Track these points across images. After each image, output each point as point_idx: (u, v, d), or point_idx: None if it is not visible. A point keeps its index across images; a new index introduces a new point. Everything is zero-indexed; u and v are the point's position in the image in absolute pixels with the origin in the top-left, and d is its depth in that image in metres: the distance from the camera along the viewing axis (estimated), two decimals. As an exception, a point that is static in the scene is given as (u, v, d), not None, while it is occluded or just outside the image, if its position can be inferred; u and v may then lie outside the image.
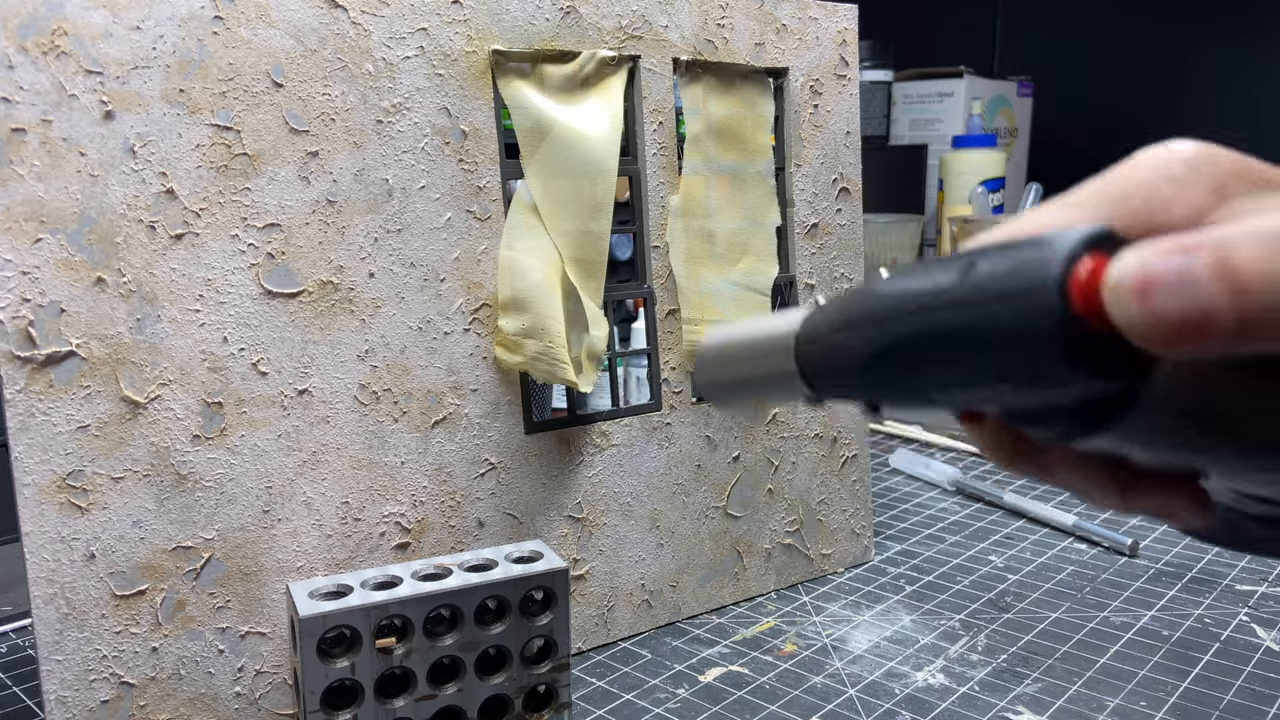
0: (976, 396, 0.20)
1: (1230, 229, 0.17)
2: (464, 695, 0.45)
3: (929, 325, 0.20)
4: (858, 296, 0.22)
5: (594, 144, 0.53)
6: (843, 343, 0.22)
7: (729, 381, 0.27)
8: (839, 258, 0.65)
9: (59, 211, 0.40)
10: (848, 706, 0.49)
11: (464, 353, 0.51)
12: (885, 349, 0.21)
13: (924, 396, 0.21)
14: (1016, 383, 0.19)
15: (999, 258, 0.19)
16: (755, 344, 0.26)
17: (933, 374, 0.20)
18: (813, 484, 0.65)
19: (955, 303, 0.19)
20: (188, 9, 0.43)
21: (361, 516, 0.48)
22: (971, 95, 1.60)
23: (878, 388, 0.22)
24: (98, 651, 0.42)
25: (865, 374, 0.22)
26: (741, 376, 0.27)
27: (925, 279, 0.20)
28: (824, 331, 0.23)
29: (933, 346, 0.20)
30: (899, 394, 0.22)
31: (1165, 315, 0.16)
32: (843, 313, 0.22)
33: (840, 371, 0.23)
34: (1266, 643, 0.55)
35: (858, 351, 0.22)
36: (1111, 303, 0.17)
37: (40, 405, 0.40)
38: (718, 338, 0.28)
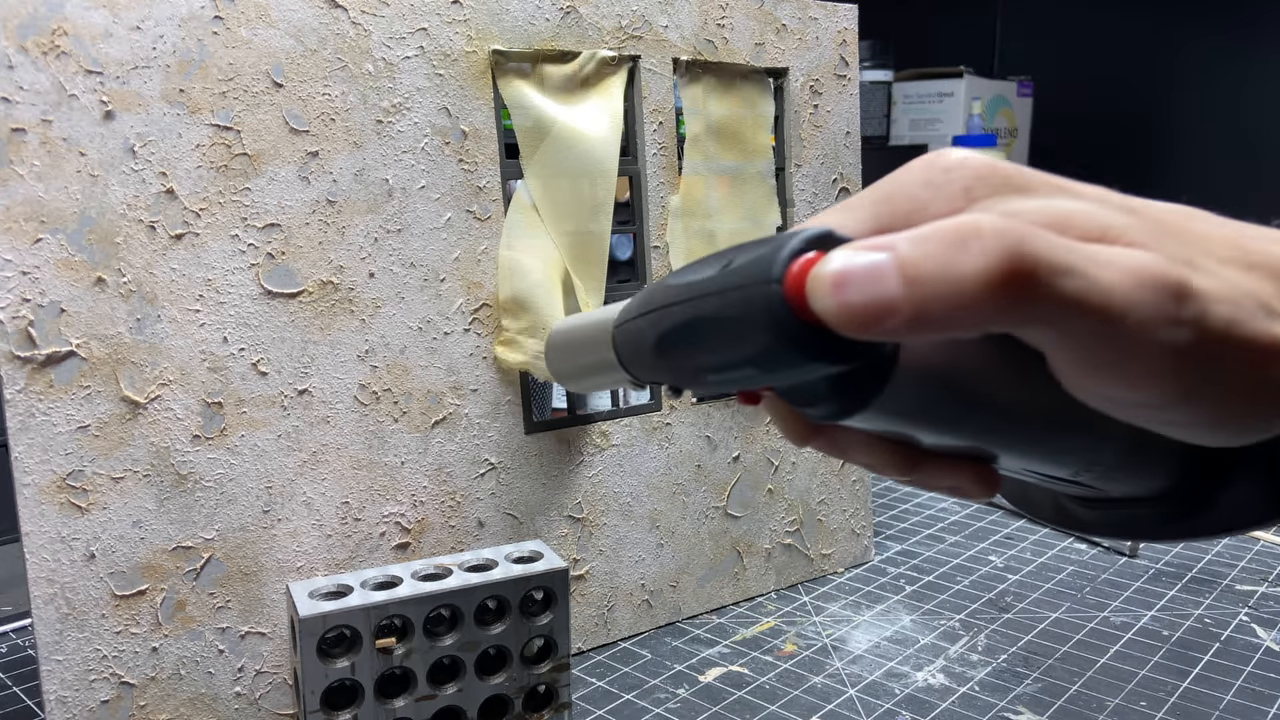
0: (735, 378, 0.22)
1: (922, 228, 0.18)
2: (464, 695, 0.45)
3: (690, 312, 0.22)
4: (654, 286, 0.24)
5: (594, 144, 0.53)
6: (639, 329, 0.24)
7: (570, 368, 0.29)
8: (839, 258, 0.65)
9: (59, 211, 0.40)
10: (848, 706, 0.49)
11: (464, 353, 0.51)
12: (663, 334, 0.23)
13: (698, 378, 0.23)
14: (757, 366, 0.21)
15: (748, 253, 0.21)
16: (585, 330, 0.28)
17: (697, 357, 0.22)
18: (813, 484, 0.65)
19: (708, 292, 0.21)
20: (188, 9, 0.43)
21: (361, 516, 0.48)
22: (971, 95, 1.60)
23: (667, 370, 0.24)
24: (98, 651, 0.42)
25: (655, 358, 0.24)
26: (580, 363, 0.29)
27: (701, 270, 0.22)
28: (628, 318, 0.25)
29: (692, 332, 0.22)
30: (681, 375, 0.24)
31: (852, 305, 0.18)
32: (641, 300, 0.24)
33: (639, 355, 0.25)
34: (1266, 643, 0.55)
35: (648, 336, 0.24)
36: (811, 294, 0.19)
37: (40, 405, 0.40)
38: (560, 326, 0.30)
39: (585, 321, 0.28)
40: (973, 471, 0.26)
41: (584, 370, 0.29)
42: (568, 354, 0.29)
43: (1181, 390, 0.19)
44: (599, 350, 0.27)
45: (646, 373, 0.25)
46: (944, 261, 0.18)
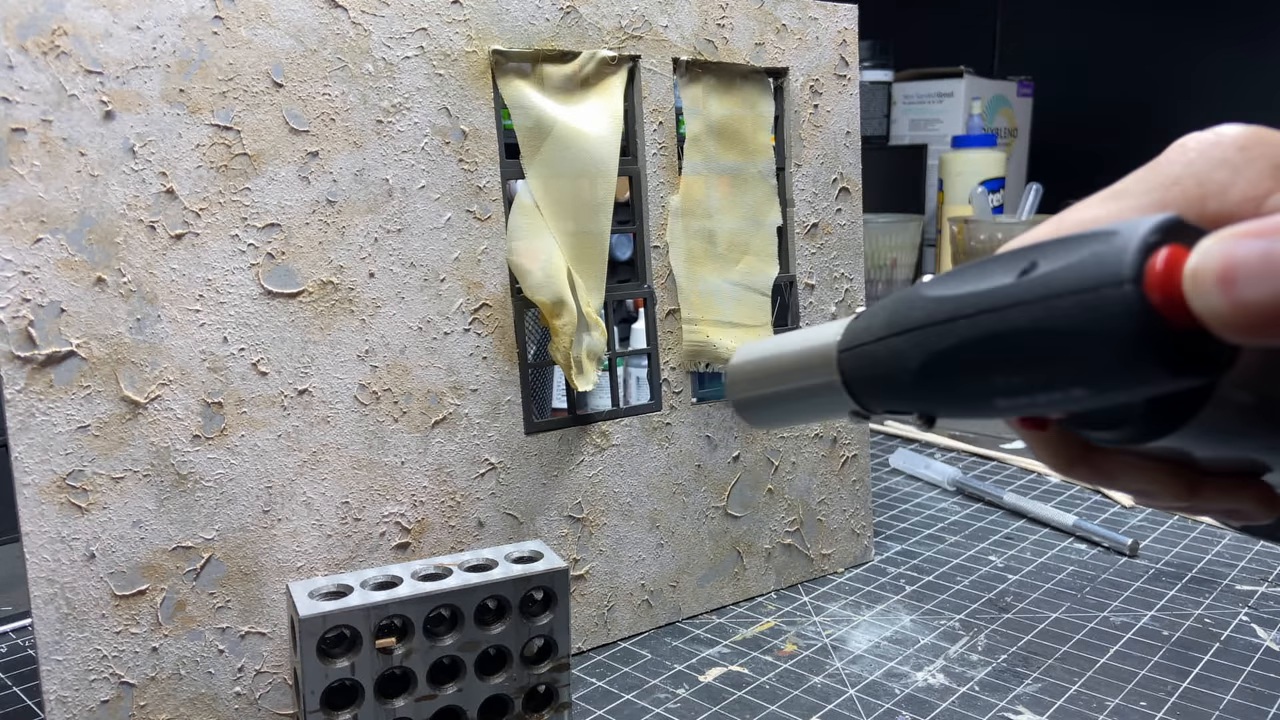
0: (1043, 401, 0.19)
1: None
2: (464, 695, 0.45)
3: (990, 327, 0.19)
4: (905, 302, 0.21)
5: (594, 144, 0.53)
6: (893, 350, 0.21)
7: (765, 397, 0.26)
8: (839, 258, 0.65)
9: (59, 211, 0.40)
10: (848, 706, 0.49)
11: (464, 353, 0.51)
12: (942, 354, 0.20)
13: (985, 403, 0.20)
14: (1091, 385, 0.18)
15: (1061, 252, 0.18)
16: (792, 357, 0.25)
17: (997, 379, 0.19)
18: (813, 484, 0.65)
19: (1018, 301, 0.18)
20: (188, 9, 0.43)
21: (361, 516, 0.48)
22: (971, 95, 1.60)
23: (934, 396, 0.21)
24: (98, 651, 0.42)
25: (920, 381, 0.21)
26: (778, 391, 0.25)
27: (980, 280, 0.19)
28: (869, 339, 0.22)
29: (996, 349, 0.19)
30: (957, 401, 0.21)
31: (1252, 304, 0.15)
32: (890, 319, 0.21)
33: (891, 380, 0.22)
34: (1266, 643, 0.55)
35: (911, 358, 0.21)
36: (1193, 293, 0.16)
37: (40, 405, 0.40)
38: (750, 353, 0.27)
39: (788, 346, 0.25)
40: (1254, 492, 0.24)
41: (783, 399, 0.25)
42: (765, 382, 0.26)
43: None
44: (813, 376, 0.24)
45: (893, 400, 0.22)
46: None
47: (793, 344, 0.25)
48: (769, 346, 0.26)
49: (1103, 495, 0.79)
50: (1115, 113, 1.70)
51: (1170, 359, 0.17)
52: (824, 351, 0.24)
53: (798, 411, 0.25)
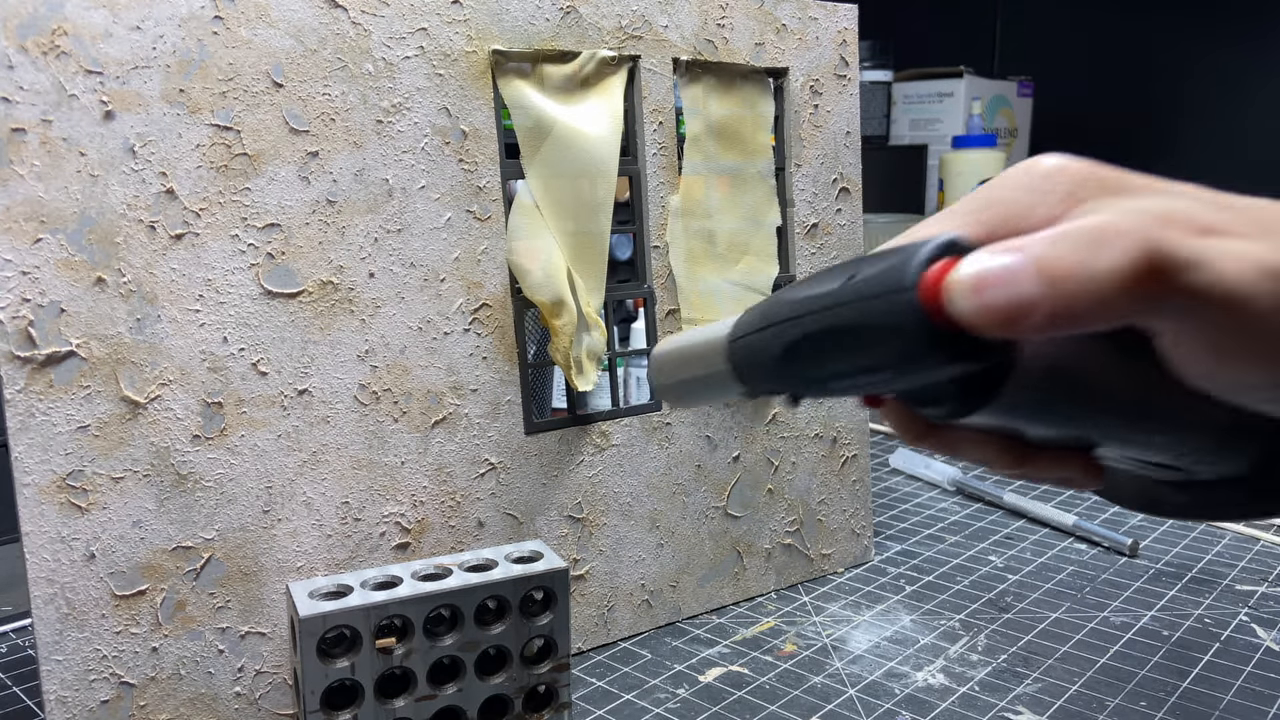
0: (865, 383, 0.24)
1: (1052, 230, 0.20)
2: (464, 695, 0.45)
3: (821, 324, 0.23)
4: (774, 301, 0.25)
5: (594, 144, 0.53)
6: (761, 341, 0.26)
7: (678, 383, 0.30)
8: (839, 258, 0.65)
9: (59, 211, 0.40)
10: (848, 706, 0.49)
11: (464, 353, 0.51)
12: (790, 345, 0.24)
13: (825, 385, 0.25)
14: (893, 370, 0.22)
15: (874, 264, 0.22)
16: (696, 348, 0.29)
17: (828, 365, 0.24)
18: (813, 484, 0.65)
19: (839, 303, 0.23)
20: (188, 9, 0.43)
21: (361, 516, 0.48)
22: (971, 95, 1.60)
23: (791, 378, 0.25)
24: (98, 651, 0.42)
25: (781, 367, 0.25)
26: (687, 378, 0.30)
27: (822, 284, 0.24)
28: (748, 331, 0.27)
29: (824, 342, 0.24)
30: (807, 384, 0.25)
31: (993, 306, 0.19)
32: (763, 315, 0.26)
33: (761, 366, 0.26)
34: (1266, 643, 0.55)
35: (773, 348, 0.25)
36: (949, 298, 0.20)
37: (40, 405, 0.40)
38: (667, 344, 0.31)
39: (694, 339, 0.30)
40: (1080, 461, 0.27)
41: (691, 384, 0.30)
42: (676, 369, 0.31)
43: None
44: (711, 364, 0.28)
45: (766, 383, 0.27)
46: (1082, 260, 0.19)
47: (697, 337, 0.29)
48: (680, 339, 0.31)
49: (1103, 495, 0.79)
50: (1115, 113, 1.70)
51: (942, 349, 0.21)
52: (718, 343, 0.28)
53: (703, 393, 0.30)
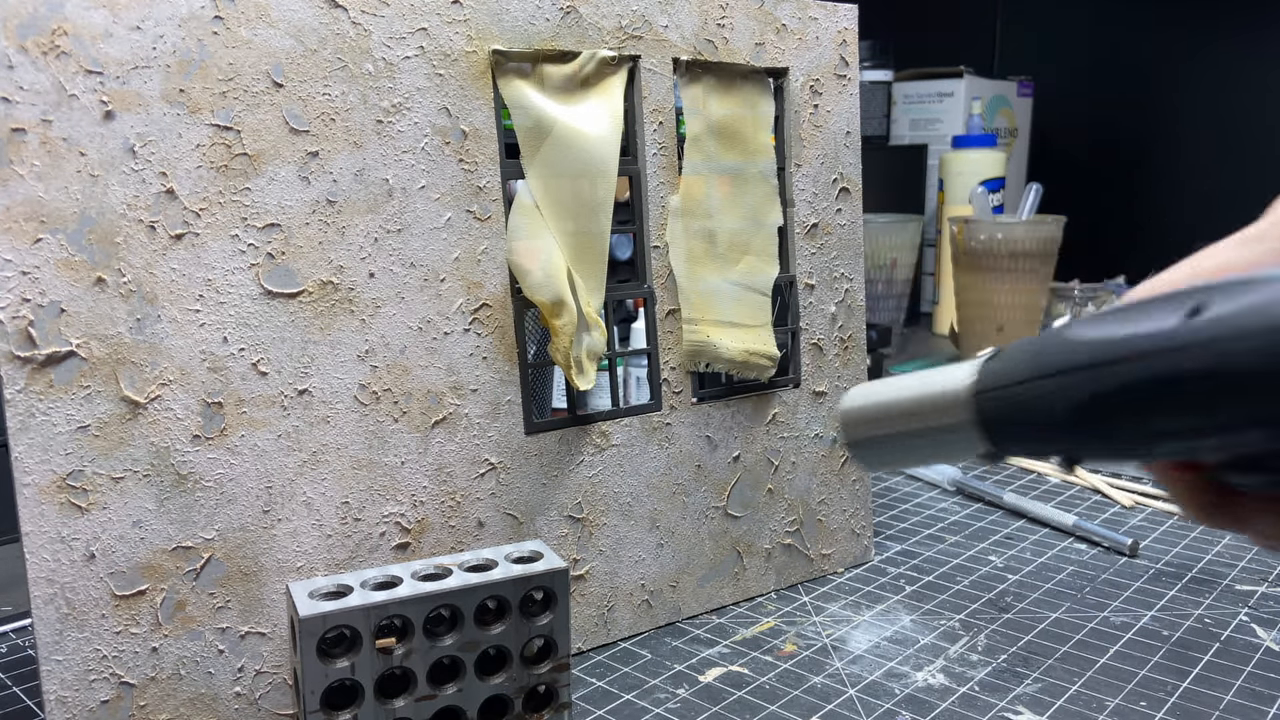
0: (1211, 444, 0.19)
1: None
2: (464, 695, 0.45)
3: (1159, 370, 0.19)
4: (1053, 344, 0.21)
5: (594, 144, 0.53)
6: (1043, 393, 0.21)
7: (886, 438, 0.26)
8: (839, 258, 0.65)
9: (59, 211, 0.40)
10: (848, 706, 0.49)
11: (464, 353, 0.51)
12: (1102, 396, 0.20)
13: (1145, 447, 0.20)
14: (1269, 426, 0.18)
15: (1228, 295, 0.18)
16: (918, 400, 0.25)
17: (1160, 422, 0.19)
18: (813, 484, 0.65)
19: (1188, 344, 0.18)
20: (188, 9, 0.43)
21: (361, 516, 0.48)
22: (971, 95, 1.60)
23: (1086, 439, 0.21)
24: (98, 651, 0.42)
25: (1074, 425, 0.21)
26: (901, 432, 0.26)
27: (1141, 322, 0.19)
28: (1012, 382, 0.22)
29: (1165, 392, 0.19)
30: (1112, 445, 0.21)
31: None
32: (1036, 361, 0.21)
33: (1039, 423, 0.22)
34: (1266, 643, 0.55)
35: (1063, 400, 0.21)
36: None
37: (40, 405, 0.40)
38: (869, 394, 0.27)
39: (911, 388, 0.25)
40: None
41: (909, 442, 0.26)
42: (882, 423, 0.26)
43: None
44: (940, 419, 0.24)
45: (1036, 442, 0.23)
46: None
47: (918, 386, 0.25)
48: (890, 388, 0.26)
49: (1103, 495, 0.79)
50: (1115, 113, 1.70)
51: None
52: (955, 394, 0.24)
53: (920, 452, 0.26)
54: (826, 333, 0.65)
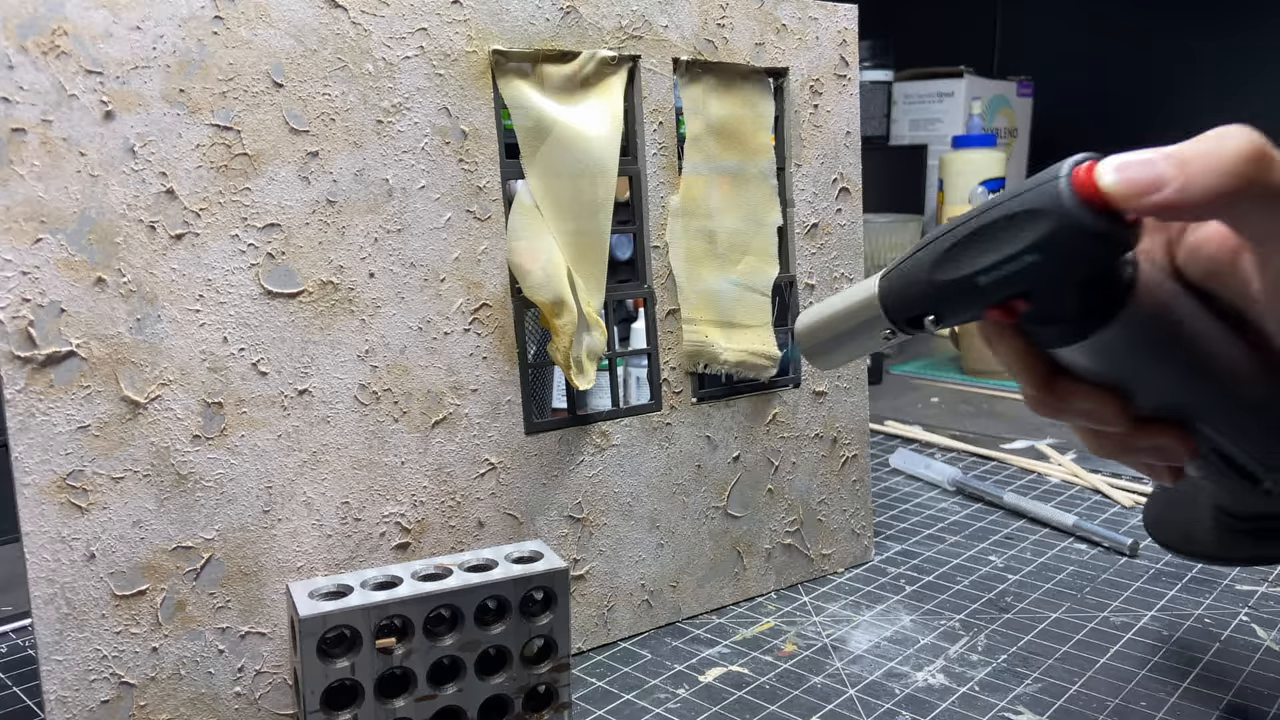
0: (1011, 272, 0.27)
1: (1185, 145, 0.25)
2: (464, 695, 0.45)
3: (975, 224, 0.27)
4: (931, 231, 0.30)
5: (594, 144, 0.53)
6: (913, 263, 0.29)
7: (829, 339, 0.34)
8: (839, 258, 0.65)
9: (59, 211, 0.40)
10: (848, 706, 0.49)
11: (464, 353, 0.51)
12: (943, 253, 0.28)
13: (972, 282, 0.28)
14: (1044, 252, 0.26)
15: (1024, 183, 0.27)
16: (843, 301, 0.33)
17: (980, 260, 0.27)
18: (813, 484, 0.65)
19: (992, 205, 0.27)
20: (188, 9, 0.43)
21: (361, 516, 0.48)
22: (971, 95, 1.60)
23: (940, 287, 0.29)
24: (98, 651, 0.42)
25: (930, 280, 0.29)
26: (839, 332, 0.33)
27: (972, 211, 0.28)
28: (898, 264, 0.30)
29: (978, 238, 0.27)
30: (955, 287, 0.28)
31: (1132, 179, 0.26)
32: (913, 247, 0.30)
33: (912, 287, 0.29)
34: (1266, 643, 0.55)
35: (924, 263, 0.29)
36: (1098, 176, 0.26)
37: (40, 405, 0.40)
38: (811, 312, 0.35)
39: (840, 297, 0.33)
40: (1178, 433, 0.31)
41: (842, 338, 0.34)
42: (824, 328, 0.34)
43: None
44: (860, 311, 0.32)
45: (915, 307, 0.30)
46: (1207, 148, 0.25)
47: (843, 295, 0.33)
48: (824, 303, 0.34)
49: (1103, 495, 0.79)
50: (1115, 113, 1.70)
51: (1085, 221, 0.26)
52: (867, 288, 0.32)
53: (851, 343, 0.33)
54: (826, 333, 0.64)
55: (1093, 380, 0.31)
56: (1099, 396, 0.31)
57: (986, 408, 1.10)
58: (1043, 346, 0.31)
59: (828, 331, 0.34)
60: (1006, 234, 0.27)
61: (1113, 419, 0.31)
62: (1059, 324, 0.29)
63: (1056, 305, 0.28)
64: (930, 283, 0.29)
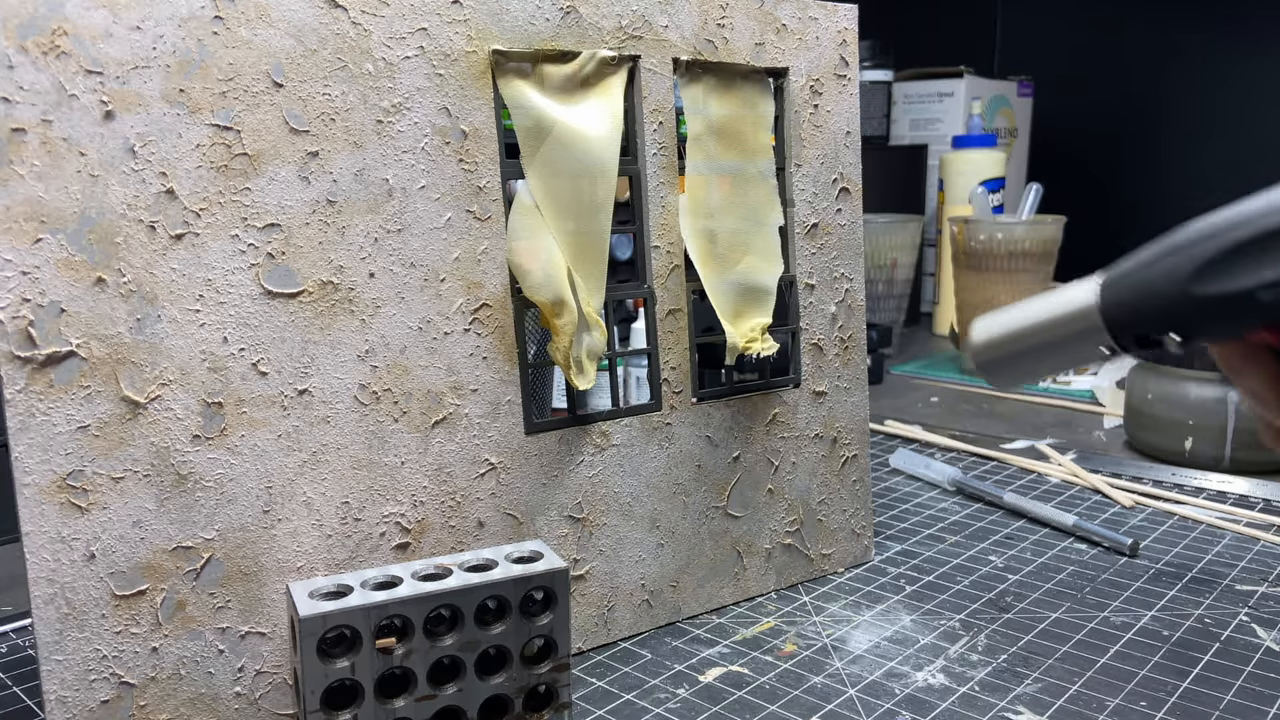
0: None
1: None
2: (464, 695, 0.45)
3: (1253, 231, 0.23)
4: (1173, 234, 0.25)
5: (594, 144, 0.53)
6: (1167, 264, 0.25)
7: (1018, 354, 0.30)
8: (839, 258, 0.65)
9: (59, 211, 0.40)
10: (848, 706, 0.49)
11: (464, 353, 0.51)
12: (1210, 260, 0.24)
13: (1250, 302, 0.24)
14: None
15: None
16: (1042, 314, 0.29)
17: (1266, 272, 0.23)
18: (813, 484, 0.65)
19: (1275, 210, 0.23)
20: (188, 9, 0.43)
21: (361, 516, 0.48)
22: (971, 95, 1.60)
23: (1199, 302, 0.25)
24: (98, 651, 0.42)
25: (1190, 286, 0.25)
26: (1034, 344, 0.29)
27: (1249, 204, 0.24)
28: (1138, 266, 0.26)
29: (1259, 246, 0.23)
30: (1222, 305, 0.24)
31: None
32: (1161, 245, 0.25)
33: (1155, 295, 0.26)
34: (1266, 643, 0.55)
35: (1187, 262, 0.25)
36: None
37: (40, 405, 0.40)
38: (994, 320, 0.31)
39: (1035, 307, 0.29)
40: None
41: (1040, 352, 0.29)
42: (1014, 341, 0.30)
43: None
44: (1068, 324, 0.28)
45: (1157, 321, 0.26)
46: None
47: (1046, 303, 0.29)
48: (1019, 311, 0.30)
49: (1103, 495, 0.79)
50: (1115, 113, 1.70)
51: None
52: (1082, 297, 0.28)
53: (1051, 358, 0.29)
54: (826, 333, 0.65)
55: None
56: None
57: (986, 408, 1.10)
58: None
59: (1019, 344, 0.30)
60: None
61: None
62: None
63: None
64: (1185, 297, 0.25)
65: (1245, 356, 0.28)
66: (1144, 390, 0.88)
